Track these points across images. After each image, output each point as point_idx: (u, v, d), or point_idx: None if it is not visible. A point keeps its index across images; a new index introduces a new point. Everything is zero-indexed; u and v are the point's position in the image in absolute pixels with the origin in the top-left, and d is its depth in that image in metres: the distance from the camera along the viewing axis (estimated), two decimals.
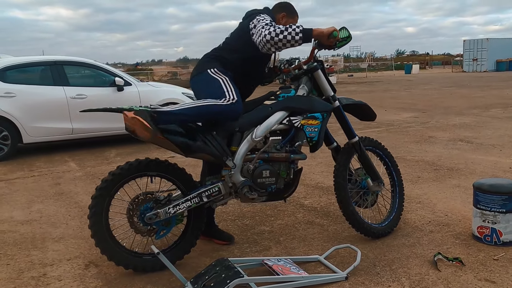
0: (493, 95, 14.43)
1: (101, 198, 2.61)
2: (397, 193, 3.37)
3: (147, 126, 2.45)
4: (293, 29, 2.63)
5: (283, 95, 2.93)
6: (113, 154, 6.77)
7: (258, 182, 2.80)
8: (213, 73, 2.83)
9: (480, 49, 38.26)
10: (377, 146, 3.36)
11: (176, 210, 2.67)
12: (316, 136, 2.89)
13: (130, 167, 2.66)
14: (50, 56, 7.40)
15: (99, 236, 2.63)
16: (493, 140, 6.61)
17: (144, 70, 41.97)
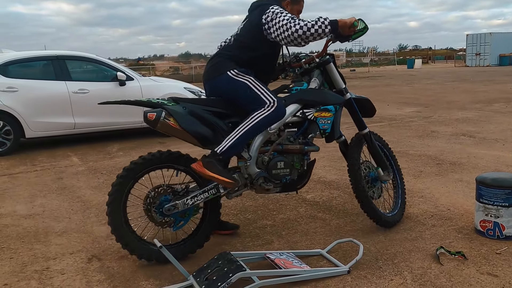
0: (496, 89, 14.37)
1: (121, 186, 2.64)
2: (399, 182, 3.44)
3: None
4: (322, 22, 2.62)
5: (296, 88, 2.98)
6: (115, 149, 6.78)
7: (273, 173, 2.86)
8: (234, 75, 2.77)
9: (483, 43, 38.10)
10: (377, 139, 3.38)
11: (194, 202, 2.71)
12: (329, 128, 2.96)
13: (149, 159, 2.69)
14: (52, 50, 7.39)
15: (116, 223, 2.65)
16: (496, 135, 6.59)
17: (146, 65, 41.93)
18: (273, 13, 2.72)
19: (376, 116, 3.36)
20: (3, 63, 6.68)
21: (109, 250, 3.03)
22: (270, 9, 2.75)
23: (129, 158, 5.96)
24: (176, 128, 2.61)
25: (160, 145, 6.84)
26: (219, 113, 2.76)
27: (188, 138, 2.68)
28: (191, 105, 2.70)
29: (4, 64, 6.67)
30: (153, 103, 2.70)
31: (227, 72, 2.78)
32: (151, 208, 2.71)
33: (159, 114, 2.60)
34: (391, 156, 3.46)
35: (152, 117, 2.60)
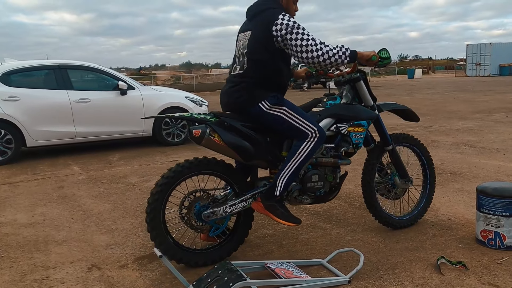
0: (496, 99, 14.40)
1: (166, 186, 2.66)
2: (426, 193, 3.52)
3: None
4: (343, 53, 2.60)
5: (330, 102, 3.04)
6: (116, 158, 6.79)
7: (308, 186, 2.90)
8: (268, 108, 2.70)
9: (483, 53, 38.23)
10: (415, 144, 3.46)
11: (232, 210, 2.76)
12: (361, 142, 3.05)
13: (191, 165, 2.72)
14: (54, 60, 7.44)
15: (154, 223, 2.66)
16: (497, 144, 6.59)
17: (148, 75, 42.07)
18: (287, 27, 2.60)
19: None
20: (5, 72, 6.71)
21: (109, 259, 3.02)
22: (281, 21, 2.61)
23: (130, 167, 5.97)
24: (220, 144, 2.65)
25: (161, 154, 6.86)
26: (258, 128, 2.78)
27: (231, 154, 2.73)
28: (232, 121, 2.72)
29: (6, 73, 6.71)
30: (196, 119, 2.73)
31: (259, 105, 2.71)
32: (190, 212, 2.75)
33: (204, 131, 2.64)
34: (428, 163, 3.51)
35: (198, 133, 2.63)
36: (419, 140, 3.50)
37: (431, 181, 3.53)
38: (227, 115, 2.78)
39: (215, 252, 2.84)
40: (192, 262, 2.75)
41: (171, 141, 7.60)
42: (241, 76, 2.77)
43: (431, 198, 3.53)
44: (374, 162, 3.25)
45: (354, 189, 4.45)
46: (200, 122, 2.70)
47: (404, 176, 3.34)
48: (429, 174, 3.52)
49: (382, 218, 3.29)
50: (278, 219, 2.70)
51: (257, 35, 2.71)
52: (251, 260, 2.88)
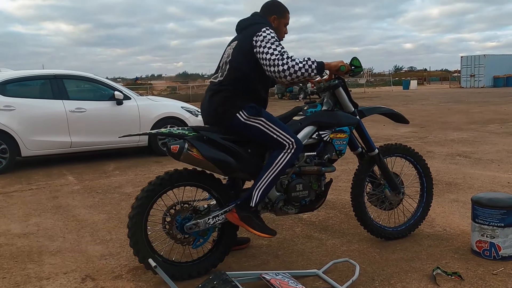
0: (490, 110, 14.49)
1: (146, 200, 2.65)
2: (423, 203, 3.50)
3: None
4: (309, 66, 2.60)
5: (311, 110, 3.04)
6: (111, 168, 6.76)
7: (293, 196, 2.90)
8: (245, 119, 2.71)
9: (477, 65, 38.52)
10: (409, 153, 3.43)
11: (215, 221, 2.75)
12: (345, 148, 3.04)
13: (170, 177, 2.70)
14: (50, 70, 7.44)
15: (136, 238, 2.65)
16: (491, 155, 6.62)
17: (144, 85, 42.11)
18: (263, 39, 2.65)
19: (372, 136, 3.38)
20: (1, 82, 6.70)
21: (103, 270, 3.00)
22: (262, 33, 2.67)
23: (125, 177, 5.95)
24: (199, 158, 2.65)
25: (156, 164, 6.84)
26: (238, 140, 2.78)
27: (211, 168, 2.72)
28: (211, 134, 2.72)
29: (1, 83, 6.70)
30: (174, 134, 2.73)
31: (237, 115, 2.72)
32: (171, 225, 2.73)
33: (182, 146, 2.63)
34: (424, 172, 3.49)
35: (176, 149, 2.63)
36: (413, 149, 3.48)
37: (428, 190, 3.51)
38: (206, 129, 2.78)
39: (200, 264, 2.80)
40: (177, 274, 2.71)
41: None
42: (221, 84, 2.79)
43: (428, 208, 3.51)
44: (362, 177, 3.24)
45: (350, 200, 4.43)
46: (179, 137, 2.69)
47: (394, 189, 3.31)
48: (426, 183, 3.50)
49: (373, 230, 3.28)
50: (253, 231, 2.69)
51: (242, 44, 2.77)
52: (246, 270, 2.87)
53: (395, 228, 3.38)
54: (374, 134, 9.32)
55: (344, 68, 2.80)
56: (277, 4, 2.98)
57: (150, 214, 2.71)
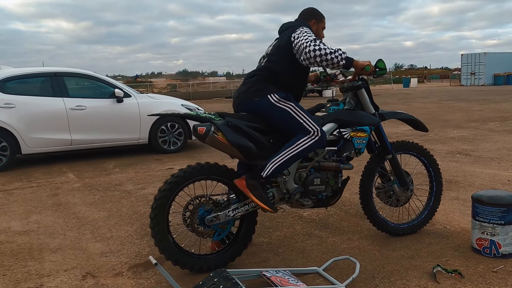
0: (491, 108, 14.49)
1: (169, 192, 2.70)
2: (430, 205, 3.50)
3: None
4: (339, 54, 2.69)
5: (333, 107, 3.10)
6: (111, 165, 6.77)
7: (310, 189, 2.94)
8: (276, 101, 2.83)
9: (478, 63, 38.50)
10: (423, 154, 3.45)
11: (235, 214, 2.80)
12: (363, 148, 3.07)
13: (193, 170, 2.75)
14: (50, 67, 7.43)
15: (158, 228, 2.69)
16: (492, 153, 6.62)
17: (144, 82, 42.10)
18: (300, 33, 2.80)
19: None
20: (1, 79, 6.69)
21: (104, 267, 3.00)
22: (300, 29, 2.84)
23: (125, 175, 5.95)
24: (224, 142, 2.70)
25: (157, 162, 6.84)
26: (261, 129, 2.84)
27: (235, 153, 2.77)
28: (236, 121, 2.78)
29: (2, 80, 6.69)
30: (201, 117, 2.80)
31: (268, 96, 2.83)
32: (192, 217, 2.76)
33: (208, 129, 2.69)
34: (436, 175, 3.50)
35: (202, 131, 2.68)
36: (428, 150, 3.49)
37: (437, 194, 3.51)
38: (232, 115, 2.85)
39: (219, 257, 2.87)
40: (196, 267, 2.78)
41: (167, 149, 7.59)
42: (257, 71, 2.97)
43: (434, 211, 3.51)
44: (374, 166, 3.28)
45: (350, 197, 4.45)
46: (205, 121, 2.76)
47: (403, 185, 3.34)
48: (435, 186, 3.51)
49: (376, 221, 3.30)
50: (255, 199, 2.69)
51: (280, 42, 2.96)
52: (247, 268, 2.88)
53: (398, 225, 3.39)
54: None
55: (369, 68, 2.84)
56: (315, 11, 3.18)
57: (172, 207, 2.76)
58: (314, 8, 3.21)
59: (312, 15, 3.16)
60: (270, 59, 2.96)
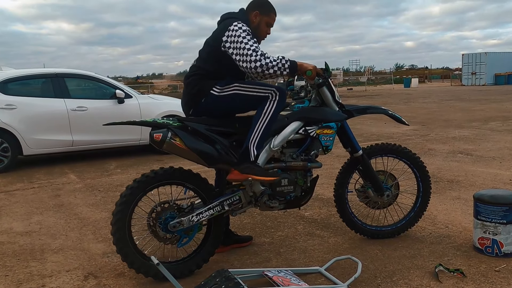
0: (492, 108, 14.48)
1: (125, 205, 2.64)
2: (416, 207, 3.38)
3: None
4: (282, 64, 2.63)
5: (298, 106, 3.03)
6: (113, 166, 6.77)
7: (278, 191, 2.88)
8: (219, 91, 2.76)
9: (478, 63, 38.49)
10: (404, 155, 3.32)
11: (199, 218, 2.73)
12: (331, 145, 3.00)
13: (155, 175, 2.70)
14: (51, 68, 7.44)
15: (121, 244, 2.64)
16: (493, 153, 6.61)
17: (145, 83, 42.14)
18: (235, 34, 2.67)
19: (373, 135, 3.39)
20: (2, 80, 6.70)
21: (105, 267, 3.00)
22: (233, 27, 2.69)
23: (126, 176, 5.95)
24: (182, 148, 2.64)
25: (158, 162, 6.84)
26: (223, 132, 2.78)
27: (194, 158, 2.71)
28: (196, 125, 2.72)
29: (3, 81, 6.70)
30: (158, 123, 2.72)
31: (211, 92, 2.76)
32: (155, 224, 2.71)
33: (165, 135, 2.62)
34: (421, 176, 3.35)
35: (159, 137, 2.62)
36: (410, 151, 3.35)
37: (424, 196, 3.36)
38: (191, 120, 2.78)
39: (183, 264, 2.78)
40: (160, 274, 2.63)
41: None
42: (192, 69, 2.87)
43: (421, 213, 3.38)
44: (344, 177, 3.25)
45: (351, 198, 4.43)
46: (162, 126, 2.69)
47: (378, 190, 3.22)
48: (422, 187, 3.36)
49: (352, 224, 3.29)
50: (258, 177, 2.65)
51: (212, 38, 2.84)
52: (249, 268, 2.87)
53: (379, 228, 3.34)
54: (375, 132, 9.32)
55: (310, 73, 2.78)
56: (263, 2, 2.95)
57: (134, 213, 2.70)
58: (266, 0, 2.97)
59: (257, 5, 2.92)
60: (200, 57, 2.87)
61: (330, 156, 5.86)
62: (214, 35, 2.82)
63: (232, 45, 2.67)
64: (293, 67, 2.67)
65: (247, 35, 2.67)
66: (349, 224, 3.30)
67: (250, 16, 2.91)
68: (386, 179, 3.29)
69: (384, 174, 3.31)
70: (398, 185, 3.36)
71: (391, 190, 3.27)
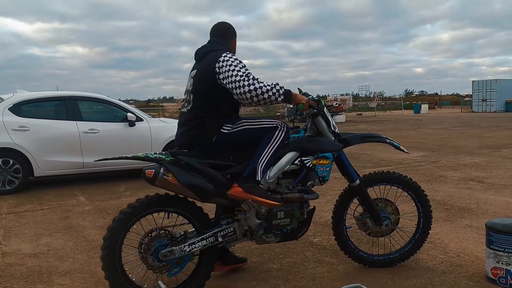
0: (503, 135, 14.36)
1: (117, 230, 2.62)
2: (414, 239, 3.29)
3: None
4: (277, 90, 2.61)
5: (294, 135, 2.98)
6: (122, 189, 6.79)
7: (273, 224, 2.83)
8: (230, 129, 2.75)
9: (489, 89, 38.40)
10: (407, 186, 3.23)
11: (191, 249, 2.67)
12: (328, 175, 2.94)
13: (150, 201, 2.68)
14: (64, 91, 7.57)
15: (110, 268, 2.60)
16: (505, 180, 6.53)
17: (156, 107, 42.58)
18: (226, 64, 2.64)
19: (383, 160, 3.37)
20: (16, 102, 6.83)
21: None
22: (223, 58, 2.67)
23: (136, 198, 5.95)
24: (175, 184, 2.60)
25: None
26: (218, 165, 2.75)
27: (188, 193, 2.67)
28: (189, 159, 2.68)
29: (17, 103, 6.82)
30: (150, 158, 2.69)
31: (222, 131, 2.74)
32: (146, 252, 2.66)
33: (157, 171, 2.59)
34: (423, 209, 3.25)
35: (151, 174, 2.59)
36: (413, 181, 3.27)
37: (423, 228, 3.27)
38: (185, 154, 2.73)
39: None
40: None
41: None
42: (190, 113, 2.80)
43: (419, 245, 3.30)
44: (341, 208, 3.23)
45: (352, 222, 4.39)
46: (154, 161, 2.66)
47: (376, 221, 3.16)
48: (423, 221, 3.26)
49: (348, 250, 3.26)
50: (260, 199, 2.63)
51: (201, 73, 2.77)
52: None
53: (374, 257, 3.28)
54: (385, 158, 9.26)
55: (302, 106, 2.77)
56: (232, 28, 3.03)
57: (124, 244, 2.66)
58: (228, 24, 3.03)
59: (232, 33, 2.99)
60: (196, 95, 2.78)
61: (341, 180, 5.82)
62: (204, 72, 2.75)
63: (225, 74, 2.63)
64: (287, 95, 2.67)
65: (239, 63, 2.66)
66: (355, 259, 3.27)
67: (232, 44, 3.00)
68: (385, 207, 3.22)
69: (381, 201, 3.24)
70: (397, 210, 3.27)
71: (389, 220, 3.20)
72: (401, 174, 3.27)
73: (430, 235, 3.95)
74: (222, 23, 3.03)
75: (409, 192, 3.25)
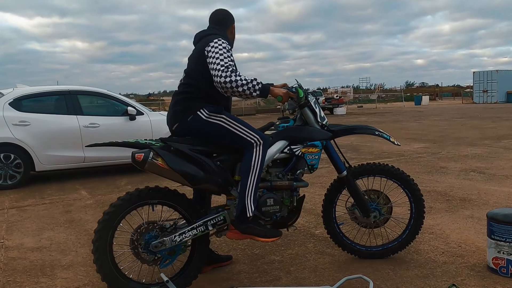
0: (504, 126, 14.34)
1: (104, 231, 2.62)
2: (409, 228, 3.26)
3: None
4: (253, 85, 2.60)
5: (283, 125, 3.01)
6: (124, 183, 6.80)
7: (263, 211, 2.85)
8: (206, 116, 2.75)
9: (490, 80, 38.33)
10: (394, 175, 3.19)
11: (182, 238, 2.68)
12: (317, 163, 2.97)
13: (131, 197, 2.68)
14: (64, 86, 7.56)
15: (104, 270, 2.62)
16: (506, 171, 6.53)
17: (156, 101, 42.54)
18: (213, 50, 2.67)
19: (384, 152, 3.37)
20: (16, 97, 6.82)
21: None
22: (214, 43, 2.71)
23: None
24: (164, 168, 2.61)
25: None
26: (207, 151, 2.76)
27: (177, 178, 2.67)
28: (179, 145, 2.69)
29: (17, 98, 6.82)
30: (140, 144, 2.70)
31: (198, 113, 2.75)
32: (137, 244, 2.67)
33: (147, 155, 2.59)
34: (413, 196, 3.20)
35: (140, 157, 2.59)
36: (401, 170, 3.21)
37: (417, 216, 3.22)
38: (175, 140, 2.76)
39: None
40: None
41: None
42: (180, 89, 2.88)
43: (415, 233, 3.25)
44: (330, 200, 3.24)
45: None
46: (144, 147, 2.67)
47: (364, 212, 3.15)
48: (414, 208, 3.22)
49: (344, 246, 3.28)
50: (260, 239, 2.69)
51: (195, 55, 2.84)
52: (258, 286, 2.85)
53: (370, 248, 3.29)
54: (386, 149, 9.26)
55: (280, 98, 2.76)
56: (230, 14, 3.06)
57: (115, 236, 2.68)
58: (226, 10, 3.08)
59: (229, 19, 3.03)
60: (188, 74, 2.87)
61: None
62: (198, 52, 2.81)
63: (210, 60, 2.67)
64: (264, 91, 2.65)
65: (227, 51, 2.68)
66: (353, 253, 3.30)
67: (231, 29, 3.02)
68: (379, 199, 3.20)
69: (376, 194, 3.22)
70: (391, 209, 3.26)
71: (379, 211, 3.18)
72: (386, 165, 3.25)
73: (432, 226, 3.98)
74: (220, 10, 3.08)
75: (394, 180, 3.21)
